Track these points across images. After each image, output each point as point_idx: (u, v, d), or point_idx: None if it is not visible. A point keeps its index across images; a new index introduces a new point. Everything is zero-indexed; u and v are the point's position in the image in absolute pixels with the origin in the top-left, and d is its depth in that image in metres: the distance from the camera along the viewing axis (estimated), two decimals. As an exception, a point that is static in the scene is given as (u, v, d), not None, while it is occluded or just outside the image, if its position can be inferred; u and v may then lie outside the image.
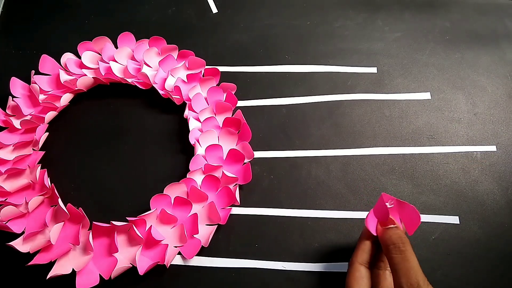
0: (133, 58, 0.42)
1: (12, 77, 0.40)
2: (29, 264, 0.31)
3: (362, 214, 0.35)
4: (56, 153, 0.39)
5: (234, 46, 0.44)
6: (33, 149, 0.38)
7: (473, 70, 0.42)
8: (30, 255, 0.32)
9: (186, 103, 0.39)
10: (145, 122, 0.40)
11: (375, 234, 0.29)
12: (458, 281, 0.32)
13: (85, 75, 0.41)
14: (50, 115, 0.39)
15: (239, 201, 0.35)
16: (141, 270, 0.31)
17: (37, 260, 0.31)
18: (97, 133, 0.40)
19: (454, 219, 0.34)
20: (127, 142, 0.39)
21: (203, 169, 0.36)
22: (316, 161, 0.37)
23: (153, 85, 0.40)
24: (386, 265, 0.29)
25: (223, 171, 0.35)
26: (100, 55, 0.42)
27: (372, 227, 0.29)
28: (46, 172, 0.36)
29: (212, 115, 0.39)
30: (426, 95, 0.40)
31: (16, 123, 0.38)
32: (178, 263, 0.33)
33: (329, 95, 0.41)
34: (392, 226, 0.28)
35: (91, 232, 0.33)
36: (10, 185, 0.35)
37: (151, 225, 0.33)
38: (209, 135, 0.37)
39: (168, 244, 0.33)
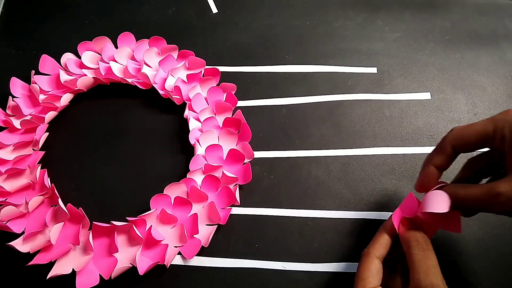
0: (133, 58, 0.42)
1: (12, 77, 0.40)
2: (29, 264, 0.31)
3: (362, 214, 0.35)
4: (56, 153, 0.39)
5: (234, 46, 0.44)
6: (33, 149, 0.38)
7: (473, 70, 0.42)
8: (30, 255, 0.32)
9: (186, 103, 0.39)
10: (145, 122, 0.40)
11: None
12: (458, 281, 0.32)
13: (85, 75, 0.41)
14: (50, 115, 0.39)
15: (239, 201, 0.35)
16: (141, 270, 0.31)
17: (37, 260, 0.31)
18: (97, 133, 0.40)
19: (454, 219, 0.34)
20: (127, 142, 0.39)
21: (203, 169, 0.36)
22: (316, 161, 0.37)
23: (153, 85, 0.40)
24: (398, 268, 0.28)
25: (223, 171, 0.35)
26: (100, 55, 0.42)
27: (398, 224, 0.28)
28: (46, 172, 0.36)
29: (212, 115, 0.39)
30: (426, 95, 0.40)
31: (16, 123, 0.38)
32: (178, 263, 0.33)
33: (329, 95, 0.41)
34: (414, 228, 0.28)
35: (91, 232, 0.33)
36: (10, 185, 0.35)
37: (151, 225, 0.33)
38: (209, 135, 0.37)
39: (168, 244, 0.33)
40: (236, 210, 0.35)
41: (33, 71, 0.40)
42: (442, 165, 0.28)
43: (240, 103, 0.40)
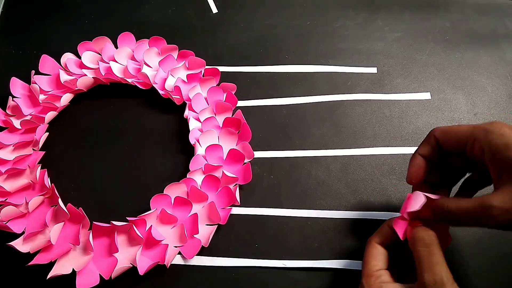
0: (133, 58, 0.42)
1: (12, 77, 0.40)
2: (29, 264, 0.31)
3: (362, 214, 0.35)
4: (56, 153, 0.39)
5: (234, 46, 0.44)
6: (33, 149, 0.38)
7: (473, 70, 0.42)
8: (30, 255, 0.32)
9: (186, 103, 0.39)
10: (145, 122, 0.40)
11: (402, 239, 0.28)
12: (458, 281, 0.32)
13: (85, 75, 0.41)
14: (50, 115, 0.39)
15: (239, 201, 0.35)
16: (141, 270, 0.31)
17: (37, 260, 0.31)
18: (97, 133, 0.40)
19: (454, 219, 0.34)
20: (127, 142, 0.39)
21: (203, 169, 0.36)
22: (316, 161, 0.37)
23: (153, 85, 0.40)
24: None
25: (223, 171, 0.35)
26: (100, 55, 0.42)
27: (400, 230, 0.28)
28: (46, 172, 0.36)
29: (212, 115, 0.39)
30: (426, 95, 0.40)
31: (16, 123, 0.38)
32: (178, 263, 0.33)
33: (329, 95, 0.41)
34: (421, 226, 0.27)
35: (91, 232, 0.33)
36: (10, 185, 0.35)
37: (151, 225, 0.33)
38: (209, 135, 0.37)
39: (168, 244, 0.33)
40: (236, 210, 0.35)
41: (33, 71, 0.40)
42: (427, 155, 0.28)
43: (240, 103, 0.40)
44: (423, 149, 0.29)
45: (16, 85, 0.40)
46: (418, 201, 0.27)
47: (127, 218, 0.33)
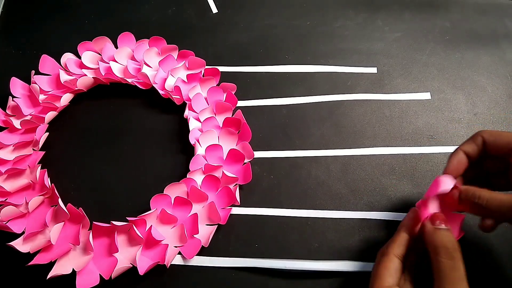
0: (133, 58, 0.42)
1: (12, 77, 0.40)
2: (29, 264, 0.31)
3: (362, 214, 0.35)
4: (56, 153, 0.39)
5: (234, 46, 0.44)
6: (33, 149, 0.38)
7: (473, 70, 0.42)
8: (30, 255, 0.32)
9: (186, 103, 0.39)
10: (145, 122, 0.40)
11: (422, 220, 0.27)
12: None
13: (85, 75, 0.41)
14: (50, 115, 0.39)
15: (239, 201, 0.35)
16: (141, 270, 0.31)
17: (37, 260, 0.31)
18: (97, 133, 0.40)
19: (454, 219, 0.34)
20: (127, 142, 0.39)
21: (203, 169, 0.36)
22: (316, 161, 0.37)
23: (153, 85, 0.40)
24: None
25: (223, 171, 0.35)
26: (100, 55, 0.42)
27: (424, 213, 0.27)
28: (46, 172, 0.36)
29: (212, 115, 0.39)
30: (426, 95, 0.40)
31: (16, 123, 0.38)
32: (178, 263, 0.33)
33: (329, 95, 0.41)
34: (443, 227, 0.27)
35: (91, 232, 0.33)
36: (10, 185, 0.35)
37: (151, 225, 0.33)
38: (209, 135, 0.37)
39: (168, 244, 0.33)
40: (236, 210, 0.35)
41: (33, 71, 0.40)
42: (471, 153, 0.29)
43: (240, 103, 0.40)
44: (467, 146, 0.29)
45: (16, 85, 0.40)
46: (447, 183, 0.27)
47: (127, 218, 0.33)
